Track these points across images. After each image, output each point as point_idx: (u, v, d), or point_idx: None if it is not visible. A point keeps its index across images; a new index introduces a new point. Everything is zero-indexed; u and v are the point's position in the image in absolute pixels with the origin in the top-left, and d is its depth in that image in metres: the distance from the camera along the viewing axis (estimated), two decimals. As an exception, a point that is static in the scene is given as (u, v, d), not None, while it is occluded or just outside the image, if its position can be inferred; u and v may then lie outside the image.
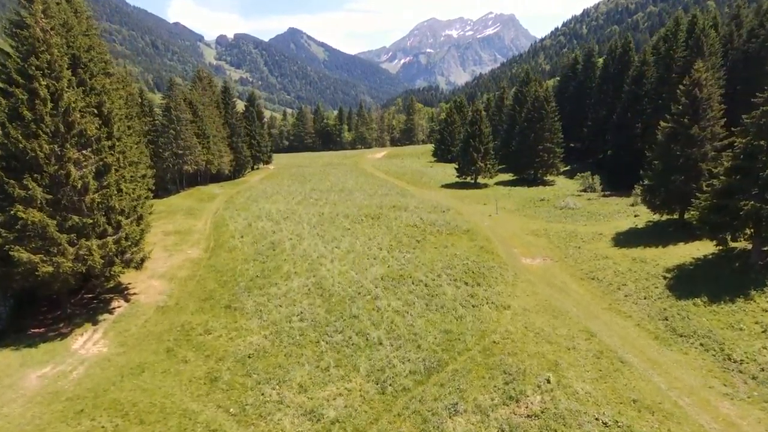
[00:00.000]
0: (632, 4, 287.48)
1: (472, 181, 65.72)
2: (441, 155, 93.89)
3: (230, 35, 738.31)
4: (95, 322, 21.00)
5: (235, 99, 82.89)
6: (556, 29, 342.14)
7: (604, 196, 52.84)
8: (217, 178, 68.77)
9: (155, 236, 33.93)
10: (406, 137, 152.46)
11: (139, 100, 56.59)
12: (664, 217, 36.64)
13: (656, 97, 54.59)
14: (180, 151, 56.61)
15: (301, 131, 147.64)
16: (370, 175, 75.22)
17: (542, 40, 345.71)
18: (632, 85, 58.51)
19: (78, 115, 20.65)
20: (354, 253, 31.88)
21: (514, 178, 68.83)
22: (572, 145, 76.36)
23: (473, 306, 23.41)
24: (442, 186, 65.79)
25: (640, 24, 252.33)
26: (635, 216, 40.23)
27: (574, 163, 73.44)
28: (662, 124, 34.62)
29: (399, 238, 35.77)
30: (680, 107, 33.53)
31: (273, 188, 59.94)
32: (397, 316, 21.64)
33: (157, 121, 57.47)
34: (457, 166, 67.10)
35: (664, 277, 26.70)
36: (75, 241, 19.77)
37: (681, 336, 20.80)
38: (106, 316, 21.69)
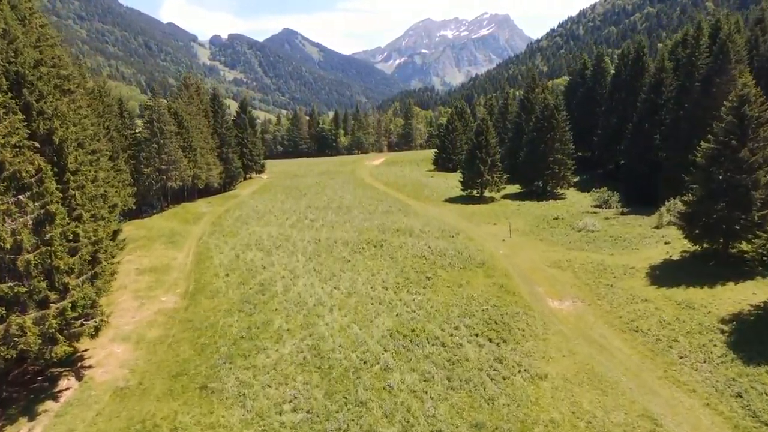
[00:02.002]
0: (629, 5, 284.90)
1: (478, 195, 61.67)
2: (442, 164, 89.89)
3: (224, 35, 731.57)
4: (33, 416, 16.66)
5: (227, 105, 78.54)
6: (552, 30, 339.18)
7: (622, 213, 49.00)
8: (206, 191, 64.21)
9: (127, 276, 29.54)
10: (404, 142, 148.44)
11: (119, 112, 52.12)
12: (700, 246, 32.60)
13: (677, 107, 50.91)
14: (164, 167, 52.11)
15: (296, 136, 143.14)
16: (369, 186, 71.03)
17: (539, 41, 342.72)
18: (650, 93, 54.78)
19: (10, 153, 16.34)
20: (356, 295, 27.71)
21: (522, 190, 64.88)
22: (580, 153, 72.60)
23: (504, 378, 19.28)
24: (446, 200, 61.75)
25: (638, 25, 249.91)
26: (665, 243, 36.27)
27: (583, 173, 69.47)
28: (704, 145, 30.72)
29: (406, 272, 31.65)
30: (724, 125, 29.66)
31: (265, 205, 55.57)
32: (415, 399, 17.48)
33: (138, 134, 52.90)
34: (461, 179, 62.99)
35: (722, 331, 22.74)
36: (4, 316, 15.50)
37: (767, 425, 16.79)
38: (48, 404, 17.32)
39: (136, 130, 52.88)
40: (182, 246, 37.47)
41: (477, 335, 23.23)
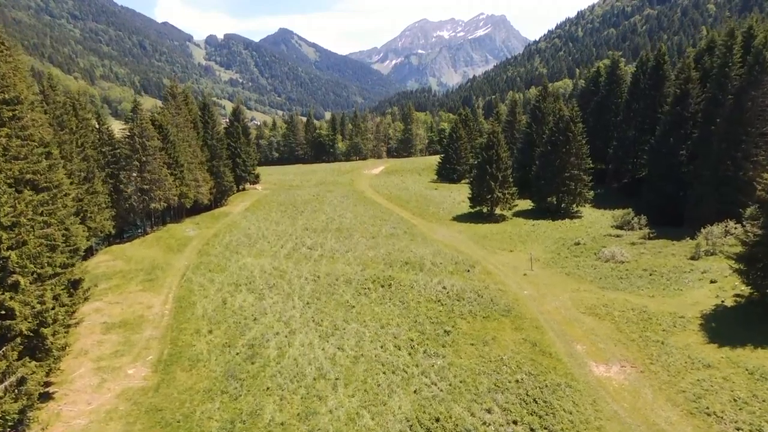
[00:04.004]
0: (629, 7, 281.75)
1: (488, 213, 57.38)
2: (446, 174, 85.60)
3: (220, 35, 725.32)
4: None
5: (223, 106, 73.82)
6: (550, 31, 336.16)
7: (648, 237, 44.79)
8: (195, 209, 59.33)
9: (90, 334, 24.87)
10: (403, 148, 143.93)
11: (96, 126, 47.32)
12: (761, 293, 28.31)
13: (706, 121, 46.79)
14: (146, 186, 47.33)
15: (292, 142, 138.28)
16: (370, 201, 66.55)
17: (536, 42, 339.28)
18: (675, 105, 50.66)
19: None
20: (364, 359, 23.26)
21: (534, 207, 60.71)
22: (593, 166, 68.53)
23: (563, 504, 14.87)
24: (454, 218, 57.54)
25: (638, 27, 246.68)
26: (711, 282, 31.94)
27: (597, 187, 65.20)
28: (766, 176, 26.48)
29: (420, 323, 27.24)
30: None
31: (258, 227, 50.94)
32: None
33: (118, 151, 48.00)
34: (470, 194, 58.71)
35: (816, 419, 18.44)
36: None
37: None
38: None
39: (116, 147, 47.86)
40: (161, 286, 32.71)
41: (516, 422, 18.86)
